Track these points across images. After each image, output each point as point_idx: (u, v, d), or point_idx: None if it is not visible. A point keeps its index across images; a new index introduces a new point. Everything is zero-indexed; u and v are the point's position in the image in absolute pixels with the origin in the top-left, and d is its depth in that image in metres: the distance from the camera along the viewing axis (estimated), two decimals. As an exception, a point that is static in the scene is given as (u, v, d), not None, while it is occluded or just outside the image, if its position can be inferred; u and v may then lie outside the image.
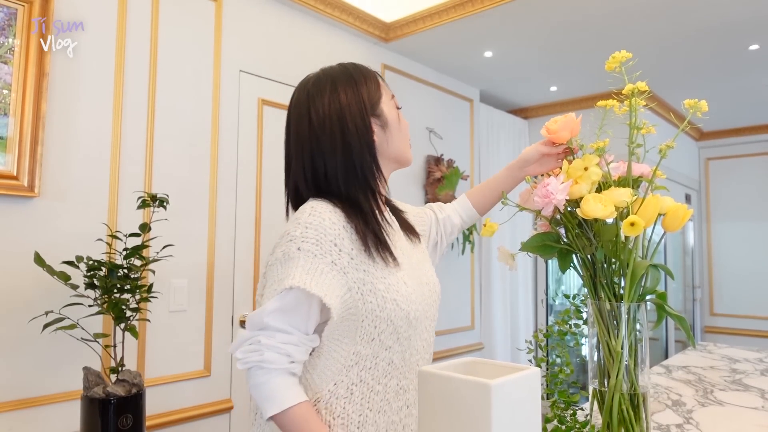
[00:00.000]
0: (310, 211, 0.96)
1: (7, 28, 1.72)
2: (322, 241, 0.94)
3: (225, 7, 2.36)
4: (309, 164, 1.02)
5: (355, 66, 1.09)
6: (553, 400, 1.08)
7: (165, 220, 1.92)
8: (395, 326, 0.98)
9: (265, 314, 0.92)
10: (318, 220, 0.95)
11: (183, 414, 2.09)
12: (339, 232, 0.95)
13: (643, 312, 0.86)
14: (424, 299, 1.05)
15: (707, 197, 5.49)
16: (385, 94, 1.08)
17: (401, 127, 1.09)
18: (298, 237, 0.94)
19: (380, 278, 0.97)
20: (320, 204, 0.98)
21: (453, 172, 3.47)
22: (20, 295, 1.72)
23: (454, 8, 2.80)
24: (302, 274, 0.91)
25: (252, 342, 0.92)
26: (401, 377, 1.00)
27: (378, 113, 1.05)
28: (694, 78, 3.81)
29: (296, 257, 0.92)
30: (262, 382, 0.91)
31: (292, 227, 0.96)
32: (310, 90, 1.05)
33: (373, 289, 0.96)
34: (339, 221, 0.96)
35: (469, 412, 0.65)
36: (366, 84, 1.06)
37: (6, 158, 1.70)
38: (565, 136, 1.02)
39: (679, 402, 1.59)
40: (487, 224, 0.97)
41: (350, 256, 0.95)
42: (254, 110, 2.48)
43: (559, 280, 4.87)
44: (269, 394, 0.90)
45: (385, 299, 0.96)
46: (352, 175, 1.01)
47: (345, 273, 0.94)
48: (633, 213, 0.84)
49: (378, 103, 1.06)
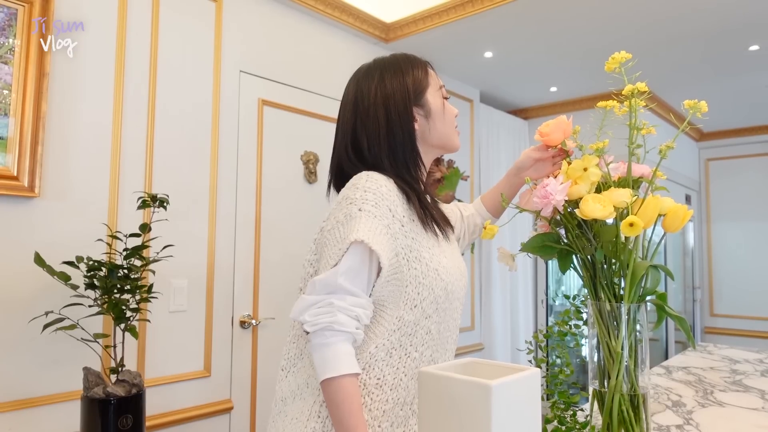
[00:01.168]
0: (367, 178, 1.01)
1: (7, 28, 1.72)
2: (380, 205, 0.98)
3: (225, 7, 2.36)
4: (354, 144, 1.09)
5: (406, 56, 1.17)
6: (553, 400, 1.08)
7: (165, 220, 1.92)
8: (435, 295, 1.02)
9: (339, 275, 0.94)
10: (375, 186, 0.99)
11: (183, 414, 2.09)
12: (394, 198, 1.01)
13: (643, 313, 0.86)
14: (459, 278, 1.10)
15: (707, 198, 5.49)
16: (432, 84, 1.14)
17: (446, 116, 1.14)
18: (359, 199, 0.98)
19: (426, 248, 1.02)
20: (375, 173, 1.03)
21: (453, 172, 3.47)
22: (20, 295, 1.72)
23: (454, 8, 2.80)
24: (366, 230, 0.94)
25: (322, 305, 0.94)
26: (435, 348, 1.05)
27: (422, 103, 1.10)
28: (694, 78, 3.81)
29: (358, 216, 0.96)
30: (328, 343, 0.92)
31: (351, 192, 1.00)
32: (360, 78, 1.13)
33: (419, 256, 1.00)
34: (393, 189, 1.02)
35: (469, 412, 0.65)
36: (412, 73, 1.12)
37: (6, 158, 1.70)
38: (557, 139, 1.02)
39: (679, 403, 1.59)
40: (487, 227, 0.97)
41: (401, 223, 1.01)
42: (254, 110, 2.48)
43: (559, 280, 4.87)
44: (331, 357, 0.91)
45: (428, 267, 1.01)
46: (396, 159, 1.07)
47: (395, 238, 0.99)
48: (633, 214, 0.84)
49: (423, 92, 1.11)
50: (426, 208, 1.06)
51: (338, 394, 0.91)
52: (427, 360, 1.03)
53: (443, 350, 1.07)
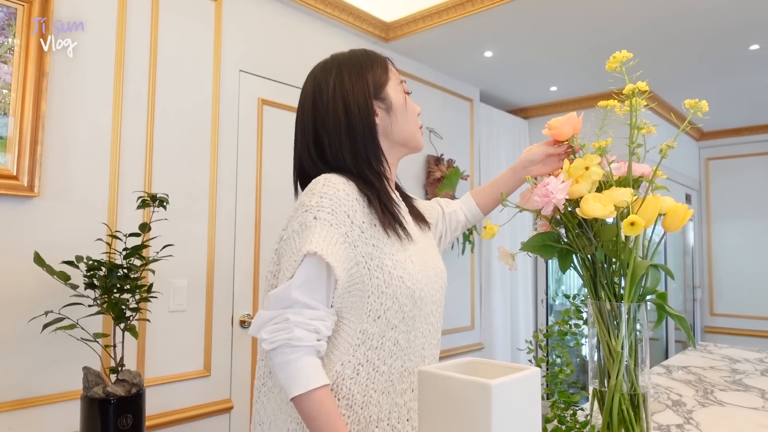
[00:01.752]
0: (324, 182, 0.97)
1: (6, 28, 1.72)
2: (337, 211, 0.94)
3: (225, 7, 2.36)
4: (313, 142, 1.05)
5: (364, 51, 1.12)
6: (553, 400, 1.08)
7: (165, 220, 1.92)
8: (400, 304, 0.97)
9: (293, 288, 0.91)
10: (332, 190, 0.95)
11: (183, 414, 2.09)
12: (352, 203, 0.96)
13: (643, 312, 0.86)
14: (430, 282, 1.05)
15: (707, 197, 5.49)
16: (392, 79, 1.10)
17: (408, 110, 1.10)
18: (314, 206, 0.94)
19: (389, 254, 0.97)
20: (333, 176, 0.99)
21: (453, 172, 3.47)
22: (20, 295, 1.72)
23: (454, 8, 2.80)
24: (320, 240, 0.91)
25: (278, 321, 0.91)
26: (406, 359, 1.00)
27: (382, 96, 1.07)
28: (695, 78, 3.81)
29: (313, 225, 0.92)
30: (289, 360, 0.89)
31: (307, 198, 0.96)
32: (317, 73, 1.09)
33: (381, 264, 0.96)
34: (352, 193, 0.97)
35: (469, 412, 0.65)
36: (372, 68, 1.08)
37: (6, 158, 1.69)
38: (567, 132, 1.02)
39: (680, 402, 1.58)
40: (487, 226, 0.97)
41: (361, 229, 0.96)
42: (254, 110, 2.48)
43: (559, 280, 4.87)
44: (295, 373, 0.88)
45: (391, 275, 0.96)
46: (358, 154, 1.03)
47: (354, 246, 0.95)
48: (633, 213, 0.84)
49: (383, 86, 1.08)
50: (387, 211, 1.00)
51: (312, 409, 0.88)
52: (398, 372, 0.99)
53: (418, 359, 1.02)
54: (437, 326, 1.09)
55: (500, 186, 1.26)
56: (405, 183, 3.27)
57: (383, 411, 0.96)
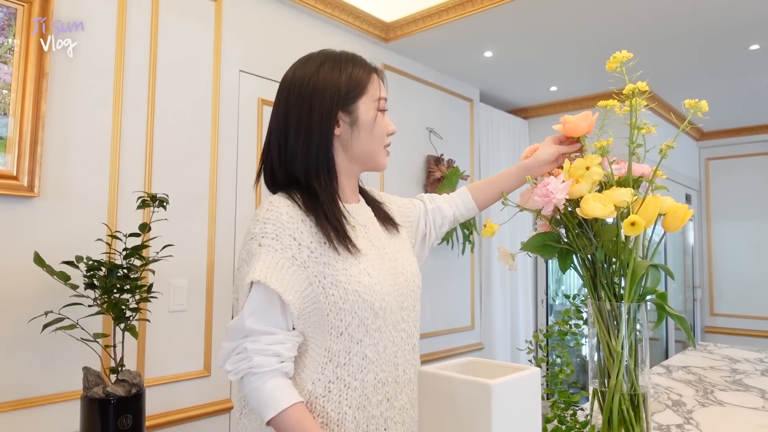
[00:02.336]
0: (268, 207, 0.98)
1: (6, 28, 1.72)
2: (281, 236, 0.94)
3: (225, 7, 2.36)
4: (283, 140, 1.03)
5: (353, 55, 1.07)
6: (553, 400, 1.08)
7: (165, 220, 1.92)
8: (361, 318, 0.97)
9: (245, 318, 0.92)
10: (276, 215, 0.96)
11: (183, 414, 2.09)
12: (297, 225, 0.96)
13: (643, 312, 0.86)
14: (397, 289, 1.04)
15: (707, 197, 5.49)
16: (370, 93, 1.05)
17: (375, 130, 1.05)
18: (258, 233, 0.95)
19: (341, 270, 0.96)
20: (278, 199, 0.99)
21: (453, 172, 3.47)
22: (20, 295, 1.72)
23: (454, 8, 2.80)
24: (264, 268, 0.92)
25: (239, 350, 0.92)
26: (378, 371, 0.99)
27: (351, 109, 1.03)
28: (695, 78, 3.81)
29: (258, 253, 0.93)
30: (255, 388, 0.91)
31: (252, 225, 0.97)
32: (298, 66, 1.07)
33: (335, 281, 0.95)
34: (297, 215, 0.97)
35: (469, 412, 0.65)
36: (351, 73, 1.03)
37: (6, 158, 1.69)
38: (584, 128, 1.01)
39: (680, 402, 1.58)
40: (487, 225, 0.97)
41: (310, 249, 0.96)
42: (254, 110, 2.48)
43: (559, 280, 4.87)
44: (263, 398, 0.90)
45: (347, 291, 0.95)
46: (309, 162, 1.01)
47: (305, 267, 0.95)
48: (633, 213, 0.84)
49: (356, 98, 1.03)
50: (332, 228, 0.98)
51: (288, 427, 0.89)
52: (372, 385, 0.98)
53: (391, 368, 1.01)
54: (411, 331, 1.08)
55: (505, 181, 1.23)
56: (405, 183, 3.28)
57: (360, 426, 0.96)
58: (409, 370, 1.06)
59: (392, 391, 1.01)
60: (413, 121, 3.38)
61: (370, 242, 1.05)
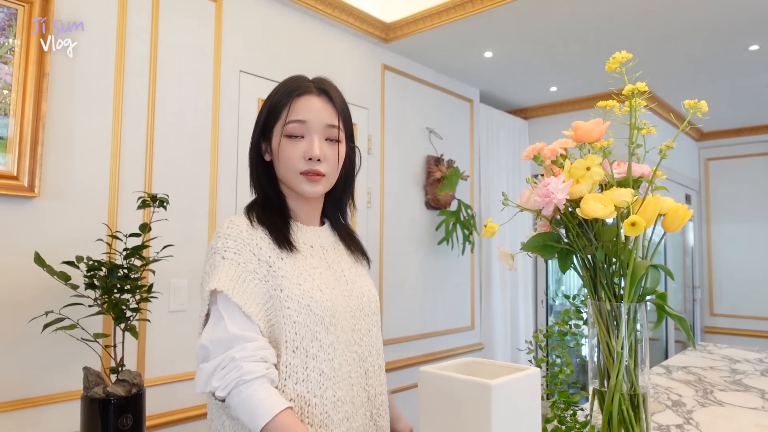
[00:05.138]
0: (228, 224, 1.03)
1: (7, 28, 1.72)
2: (242, 251, 0.99)
3: (225, 7, 2.36)
4: None
5: (289, 81, 1.09)
6: (553, 400, 1.08)
7: (165, 220, 1.92)
8: (313, 332, 0.98)
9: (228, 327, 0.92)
10: (236, 231, 1.01)
11: (183, 414, 2.09)
12: (257, 241, 1.00)
13: (643, 312, 0.86)
14: (349, 310, 1.06)
15: (707, 197, 5.49)
16: (281, 118, 1.04)
17: (281, 157, 1.05)
18: (221, 248, 1.00)
19: (296, 284, 1.00)
20: (238, 217, 1.05)
21: (453, 172, 3.47)
22: (20, 295, 1.72)
23: (454, 8, 2.80)
24: (226, 280, 0.95)
25: (224, 363, 0.90)
26: (336, 388, 0.99)
27: (269, 138, 1.08)
28: (694, 78, 3.81)
29: (220, 265, 0.98)
30: (247, 396, 0.88)
31: (214, 241, 1.02)
32: None
33: (290, 294, 0.98)
34: (257, 231, 1.02)
35: (469, 412, 0.65)
36: (272, 102, 1.07)
37: (6, 158, 1.70)
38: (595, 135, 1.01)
39: (679, 402, 1.59)
40: (487, 225, 0.97)
41: (269, 264, 1.00)
42: (254, 110, 2.48)
43: (559, 280, 4.87)
44: (256, 404, 0.88)
45: (299, 304, 0.98)
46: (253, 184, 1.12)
47: (266, 281, 0.99)
48: (633, 213, 0.84)
49: (272, 126, 1.06)
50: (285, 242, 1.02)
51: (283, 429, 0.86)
52: (331, 401, 0.98)
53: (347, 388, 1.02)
54: (364, 355, 1.08)
55: None
56: (405, 183, 3.28)
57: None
58: (362, 393, 1.06)
59: (350, 410, 1.02)
60: (413, 121, 3.38)
61: (326, 262, 1.09)
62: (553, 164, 0.94)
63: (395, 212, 3.21)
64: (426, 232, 3.42)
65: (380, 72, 3.14)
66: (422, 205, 3.43)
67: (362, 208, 2.97)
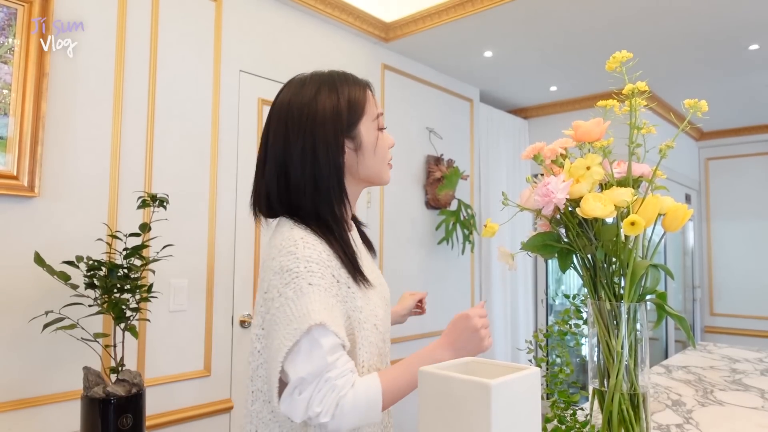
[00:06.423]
0: (303, 244, 0.93)
1: (7, 28, 1.72)
2: (325, 275, 0.93)
3: (225, 7, 2.36)
4: (282, 171, 1.00)
5: (345, 75, 1.05)
6: (553, 400, 1.08)
7: (165, 220, 1.92)
8: (379, 349, 1.01)
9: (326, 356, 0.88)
10: (316, 254, 0.93)
11: (183, 414, 2.09)
12: (334, 262, 0.96)
13: (643, 312, 0.86)
14: (387, 315, 1.09)
15: (707, 197, 5.49)
16: (368, 113, 1.04)
17: (377, 150, 1.05)
18: (304, 272, 0.91)
19: (366, 304, 0.99)
20: (305, 234, 0.96)
21: (453, 172, 3.47)
22: (20, 295, 1.72)
23: (454, 8, 2.80)
24: (321, 309, 0.89)
25: (320, 386, 0.87)
26: None
27: (353, 134, 1.02)
28: (694, 78, 3.81)
29: (309, 293, 0.90)
30: (355, 403, 0.88)
31: (291, 262, 0.92)
32: (293, 92, 1.03)
33: (362, 317, 0.98)
34: (328, 250, 0.96)
35: (469, 412, 0.65)
36: (349, 98, 1.02)
37: (6, 158, 1.70)
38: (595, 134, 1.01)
39: (679, 402, 1.59)
40: (487, 225, 0.97)
41: (347, 285, 0.97)
42: (254, 110, 2.48)
43: (559, 280, 4.87)
44: (365, 403, 0.89)
45: (369, 323, 0.99)
46: (319, 194, 0.99)
47: (344, 302, 0.96)
48: (633, 213, 0.84)
49: (356, 122, 1.02)
50: (354, 264, 0.99)
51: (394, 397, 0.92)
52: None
53: None
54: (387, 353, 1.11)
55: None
56: (405, 183, 3.28)
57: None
58: None
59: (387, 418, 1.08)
60: (413, 121, 3.38)
61: (369, 270, 1.07)
62: (553, 164, 0.94)
63: (395, 212, 3.21)
64: (426, 231, 3.42)
65: (380, 72, 3.14)
66: (422, 204, 3.43)
67: (362, 208, 2.97)
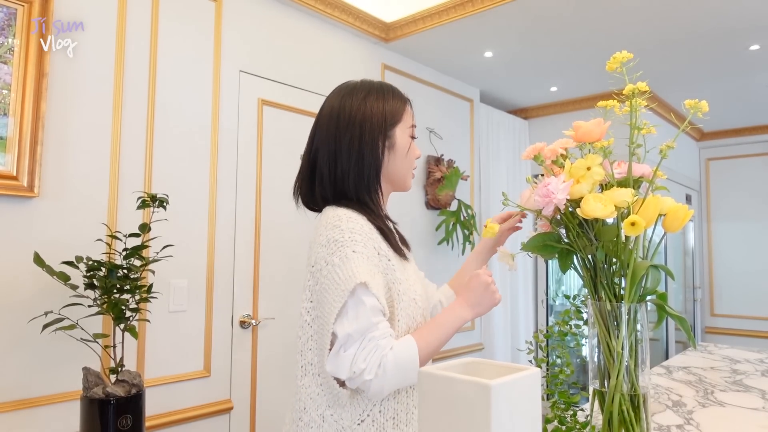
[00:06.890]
0: (347, 218, 1.04)
1: (6, 28, 1.72)
2: (368, 245, 1.03)
3: (225, 7, 2.36)
4: (332, 158, 1.12)
5: (391, 87, 1.20)
6: (553, 400, 1.08)
7: (165, 220, 1.91)
8: (417, 323, 1.07)
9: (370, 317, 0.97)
10: (359, 226, 1.04)
11: (183, 414, 2.09)
12: (376, 236, 1.06)
13: (643, 312, 0.86)
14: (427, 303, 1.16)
15: (707, 197, 5.49)
16: (405, 121, 1.17)
17: (408, 155, 1.17)
18: (348, 240, 1.01)
19: (404, 279, 1.07)
20: (350, 212, 1.06)
21: (453, 172, 3.47)
22: (20, 295, 1.72)
23: (454, 8, 2.80)
24: (365, 272, 0.98)
25: (364, 345, 0.96)
26: None
27: (389, 134, 1.14)
28: (695, 78, 3.81)
29: (353, 258, 0.99)
30: (396, 363, 0.96)
31: (336, 234, 1.02)
32: (344, 95, 1.16)
33: (401, 289, 1.06)
34: (371, 226, 1.07)
35: (469, 412, 0.64)
36: (393, 104, 1.15)
37: (6, 158, 1.69)
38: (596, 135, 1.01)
39: (680, 403, 1.58)
40: (488, 225, 0.97)
41: (387, 257, 1.06)
42: (254, 110, 2.48)
43: (559, 280, 4.86)
44: (405, 363, 0.97)
45: (409, 297, 1.06)
46: (361, 182, 1.11)
47: (385, 274, 1.04)
48: (633, 213, 0.83)
49: (394, 125, 1.15)
50: (394, 239, 1.10)
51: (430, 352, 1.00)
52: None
53: None
54: None
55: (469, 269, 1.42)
56: (405, 183, 3.28)
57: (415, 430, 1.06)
58: None
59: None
60: (413, 121, 3.38)
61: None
62: (554, 164, 0.94)
63: (395, 212, 3.20)
64: (426, 232, 3.42)
65: (380, 72, 3.14)
66: (422, 205, 3.43)
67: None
